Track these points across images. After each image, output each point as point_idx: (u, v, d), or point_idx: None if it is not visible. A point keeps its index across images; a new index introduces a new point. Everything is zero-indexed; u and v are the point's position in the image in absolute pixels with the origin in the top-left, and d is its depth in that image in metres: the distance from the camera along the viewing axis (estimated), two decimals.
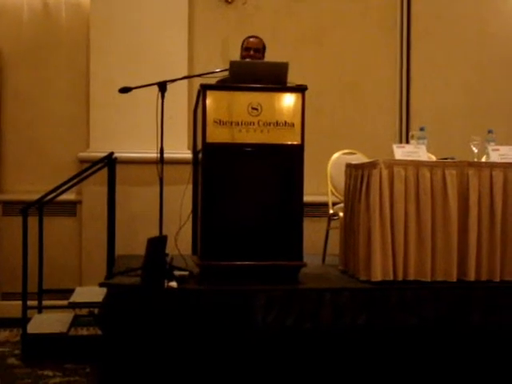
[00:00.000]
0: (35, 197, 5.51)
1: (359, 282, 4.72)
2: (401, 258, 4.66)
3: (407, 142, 6.71)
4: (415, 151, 4.86)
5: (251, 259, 4.63)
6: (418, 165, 4.74)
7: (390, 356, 4.48)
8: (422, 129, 5.01)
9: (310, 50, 6.81)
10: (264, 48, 5.54)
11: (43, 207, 5.52)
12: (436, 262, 4.71)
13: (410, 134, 5.25)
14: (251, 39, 5.52)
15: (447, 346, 4.53)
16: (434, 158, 5.19)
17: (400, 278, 4.66)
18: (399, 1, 7.03)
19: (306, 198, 4.79)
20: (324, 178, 5.96)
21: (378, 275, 4.61)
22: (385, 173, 4.68)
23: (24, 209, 5.15)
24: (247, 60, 5.28)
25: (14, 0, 6.46)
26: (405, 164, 4.73)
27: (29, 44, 6.50)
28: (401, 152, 4.83)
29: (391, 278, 4.64)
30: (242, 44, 5.54)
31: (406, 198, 4.70)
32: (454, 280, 4.71)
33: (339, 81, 6.88)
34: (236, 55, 5.54)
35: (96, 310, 5.08)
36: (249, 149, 4.64)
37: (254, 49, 5.46)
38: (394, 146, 4.90)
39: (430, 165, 4.78)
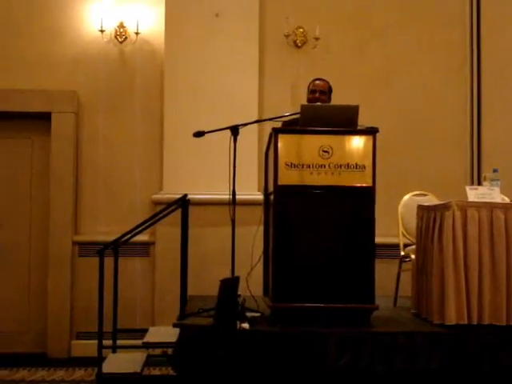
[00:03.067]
0: (110, 238, 5.63)
1: (433, 325, 4.67)
2: (475, 301, 4.59)
3: (479, 182, 6.63)
4: (489, 193, 4.81)
5: (323, 301, 4.62)
6: (491, 207, 4.69)
7: None
8: (495, 170, 4.97)
9: (379, 92, 6.85)
10: (330, 90, 5.58)
11: (118, 248, 5.63)
12: (511, 306, 4.62)
13: (483, 175, 5.21)
14: (317, 81, 5.56)
15: None
16: (507, 200, 5.11)
17: (475, 321, 4.58)
18: (469, 38, 7.01)
19: (377, 240, 4.76)
20: (393, 220, 5.92)
21: (452, 318, 4.54)
22: (458, 215, 4.64)
23: (101, 250, 5.26)
24: (318, 103, 5.33)
25: (91, 48, 6.73)
26: (478, 206, 4.68)
27: (105, 89, 6.73)
28: (474, 194, 4.79)
29: (466, 321, 4.57)
30: (308, 86, 5.59)
31: (479, 240, 4.64)
32: None
33: (409, 121, 6.88)
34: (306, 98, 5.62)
35: (169, 350, 5.14)
36: (320, 191, 4.66)
37: (319, 91, 5.49)
38: (467, 188, 4.86)
39: (504, 207, 4.72)
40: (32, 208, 6.77)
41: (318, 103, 5.36)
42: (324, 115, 4.79)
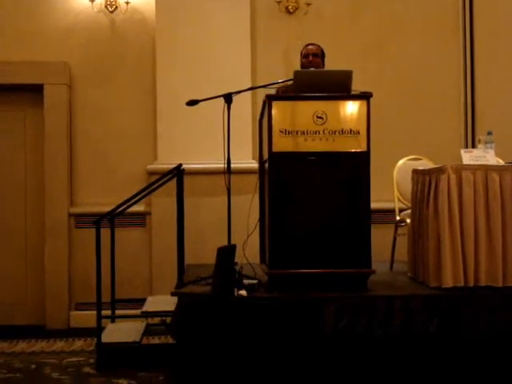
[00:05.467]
0: (106, 209, 5.64)
1: (429, 288, 4.70)
2: (471, 263, 4.62)
3: (473, 145, 6.64)
4: (483, 155, 4.82)
5: (319, 267, 4.63)
6: (486, 169, 4.70)
7: (463, 363, 4.43)
8: (489, 133, 4.97)
9: (372, 57, 6.83)
10: (323, 54, 5.58)
11: (114, 219, 5.64)
12: (507, 267, 4.65)
13: (477, 138, 5.21)
14: (309, 46, 5.58)
15: None
16: (502, 162, 5.12)
17: (471, 283, 4.62)
18: (461, 4, 6.98)
19: (372, 205, 4.76)
20: (388, 185, 5.94)
21: (448, 281, 4.58)
22: (453, 178, 4.65)
23: (97, 221, 5.27)
24: (311, 69, 5.32)
25: (82, 18, 6.67)
26: (473, 169, 4.69)
27: (97, 61, 6.69)
28: (469, 156, 4.80)
29: (462, 283, 4.60)
30: (301, 53, 5.61)
31: (475, 202, 4.66)
32: None
33: (402, 86, 6.87)
34: (299, 65, 5.59)
35: (168, 319, 5.17)
36: (315, 157, 4.66)
37: (312, 54, 5.51)
38: (462, 151, 4.87)
39: (498, 169, 4.73)
40: (27, 181, 6.75)
41: (312, 68, 5.35)
42: (317, 81, 4.77)
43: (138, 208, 6.23)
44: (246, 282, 4.67)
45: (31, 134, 6.75)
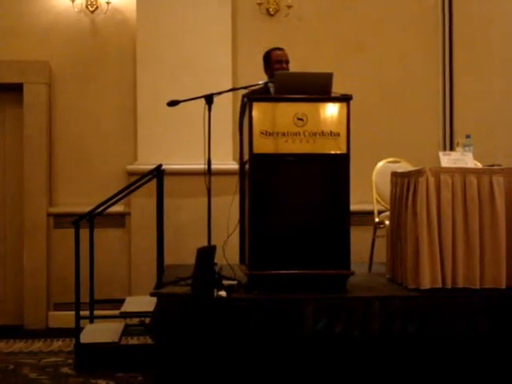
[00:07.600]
0: (85, 209, 5.61)
1: (408, 290, 4.73)
2: (449, 265, 4.66)
3: (451, 148, 6.70)
4: (461, 158, 4.87)
5: (299, 268, 4.66)
6: (464, 172, 4.74)
7: (441, 364, 4.47)
8: (467, 136, 5.01)
9: (352, 59, 6.85)
10: None
11: (94, 219, 5.62)
12: (485, 269, 4.70)
13: (456, 141, 5.26)
14: (279, 52, 5.54)
15: (499, 354, 4.51)
16: (480, 166, 5.17)
17: (449, 285, 4.66)
18: (440, 6, 7.03)
19: (351, 207, 4.78)
20: (367, 187, 5.97)
21: (426, 283, 4.62)
22: (431, 180, 4.69)
23: (76, 221, 5.25)
24: (292, 71, 5.34)
25: (62, 18, 6.64)
26: (451, 171, 4.73)
27: (77, 60, 6.66)
28: (447, 159, 4.84)
29: (440, 285, 4.64)
30: (269, 57, 5.56)
31: (453, 205, 4.70)
32: (503, 287, 4.69)
33: (382, 88, 6.90)
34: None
35: (147, 320, 5.17)
36: (295, 159, 4.68)
37: (284, 61, 5.50)
38: (440, 154, 4.91)
39: (476, 172, 4.77)
40: (6, 180, 6.72)
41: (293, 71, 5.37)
42: (298, 83, 4.78)
43: (118, 208, 6.21)
44: (225, 282, 4.68)
45: (10, 133, 6.71)
